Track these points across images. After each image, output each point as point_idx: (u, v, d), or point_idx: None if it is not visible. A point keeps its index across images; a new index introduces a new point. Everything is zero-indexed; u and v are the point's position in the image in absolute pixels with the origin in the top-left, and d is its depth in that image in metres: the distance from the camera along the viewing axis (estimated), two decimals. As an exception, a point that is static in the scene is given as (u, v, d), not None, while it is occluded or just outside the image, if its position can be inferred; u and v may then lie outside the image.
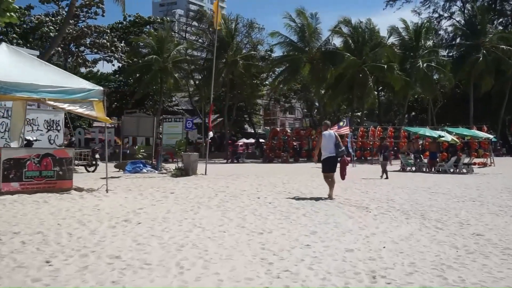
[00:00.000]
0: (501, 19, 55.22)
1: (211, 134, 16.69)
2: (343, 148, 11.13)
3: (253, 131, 56.74)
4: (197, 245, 5.93)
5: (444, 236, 6.92)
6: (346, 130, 27.19)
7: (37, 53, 22.00)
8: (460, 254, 5.74)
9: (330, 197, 10.57)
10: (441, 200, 10.90)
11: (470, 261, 5.43)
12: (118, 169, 17.99)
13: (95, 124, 53.01)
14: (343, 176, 11.30)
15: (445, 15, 55.48)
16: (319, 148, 10.95)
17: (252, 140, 51.01)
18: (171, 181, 14.21)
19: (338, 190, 12.54)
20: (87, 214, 8.03)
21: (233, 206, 9.35)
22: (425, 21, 44.98)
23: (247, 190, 11.92)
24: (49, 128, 19.34)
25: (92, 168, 18.69)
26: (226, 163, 33.78)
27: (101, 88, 11.25)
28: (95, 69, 50.26)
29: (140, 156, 18.32)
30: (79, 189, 11.30)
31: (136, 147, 19.44)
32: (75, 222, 7.23)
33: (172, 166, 18.42)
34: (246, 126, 66.27)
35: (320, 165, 11.29)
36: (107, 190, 11.07)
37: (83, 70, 55.57)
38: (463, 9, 52.49)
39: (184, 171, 15.53)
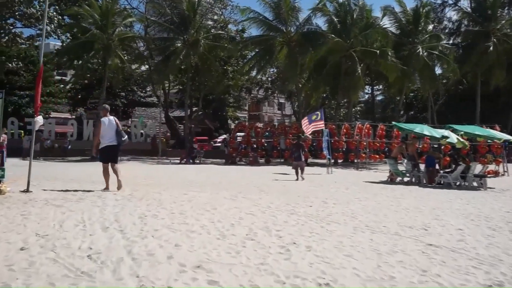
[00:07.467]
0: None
1: (39, 120, 10.12)
2: (126, 137, 10.22)
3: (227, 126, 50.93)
4: None
5: None
6: (320, 125, 20.95)
7: None
8: None
9: (119, 187, 9.67)
10: (442, 272, 4.76)
11: None
12: None
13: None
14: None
15: (450, 1, 49.19)
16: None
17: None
18: None
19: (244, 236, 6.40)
20: None
21: None
22: (426, 1, 38.25)
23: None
24: None
25: None
26: (180, 163, 27.67)
27: None
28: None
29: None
30: None
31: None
32: None
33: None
34: (230, 121, 59.96)
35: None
36: None
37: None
38: (471, -7, 46.12)
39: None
